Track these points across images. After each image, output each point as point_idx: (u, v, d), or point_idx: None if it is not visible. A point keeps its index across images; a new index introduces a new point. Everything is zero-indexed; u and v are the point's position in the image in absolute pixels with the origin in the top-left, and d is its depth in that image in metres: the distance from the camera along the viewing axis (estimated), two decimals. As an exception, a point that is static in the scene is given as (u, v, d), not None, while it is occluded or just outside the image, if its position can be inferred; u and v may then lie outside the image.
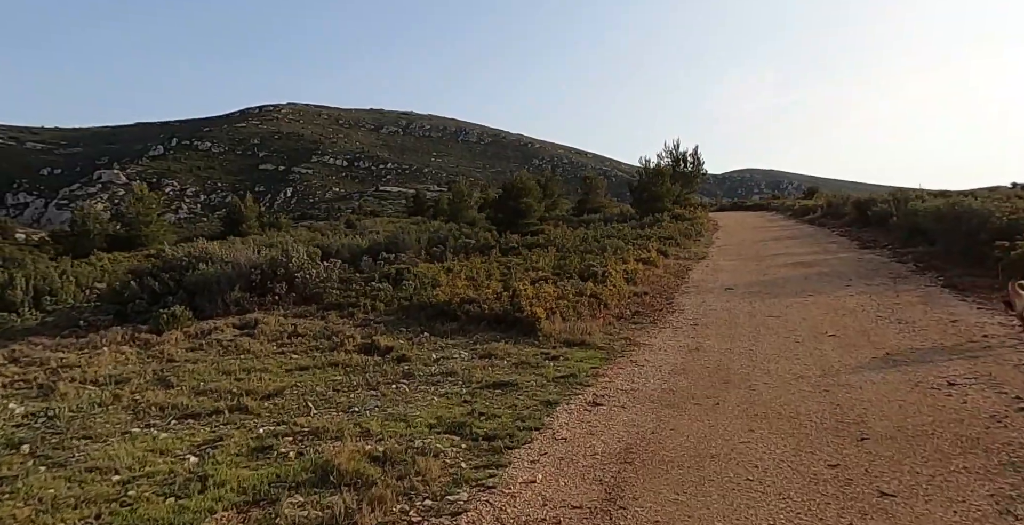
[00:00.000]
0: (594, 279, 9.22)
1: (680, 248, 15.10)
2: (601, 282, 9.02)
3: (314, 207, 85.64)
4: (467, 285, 9.14)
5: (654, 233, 16.52)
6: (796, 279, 10.04)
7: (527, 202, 18.35)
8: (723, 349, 5.96)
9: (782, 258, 12.75)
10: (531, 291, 7.95)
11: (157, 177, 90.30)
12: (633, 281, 9.78)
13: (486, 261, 12.06)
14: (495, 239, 14.15)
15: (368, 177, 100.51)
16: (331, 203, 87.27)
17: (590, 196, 26.32)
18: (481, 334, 6.84)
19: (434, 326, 7.28)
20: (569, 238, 14.98)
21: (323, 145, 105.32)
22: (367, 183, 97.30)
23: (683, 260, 13.17)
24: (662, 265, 11.88)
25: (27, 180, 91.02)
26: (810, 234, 17.71)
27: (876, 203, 16.82)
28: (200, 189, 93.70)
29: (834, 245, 14.44)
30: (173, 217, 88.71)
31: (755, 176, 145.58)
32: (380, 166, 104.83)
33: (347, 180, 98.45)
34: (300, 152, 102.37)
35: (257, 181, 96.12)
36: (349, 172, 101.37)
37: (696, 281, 10.45)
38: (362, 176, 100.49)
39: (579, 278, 9.44)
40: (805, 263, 11.75)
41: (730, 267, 11.94)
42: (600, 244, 13.47)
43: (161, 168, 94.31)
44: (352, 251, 14.17)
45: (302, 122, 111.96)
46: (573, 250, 13.08)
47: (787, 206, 30.84)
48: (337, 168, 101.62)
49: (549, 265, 11.20)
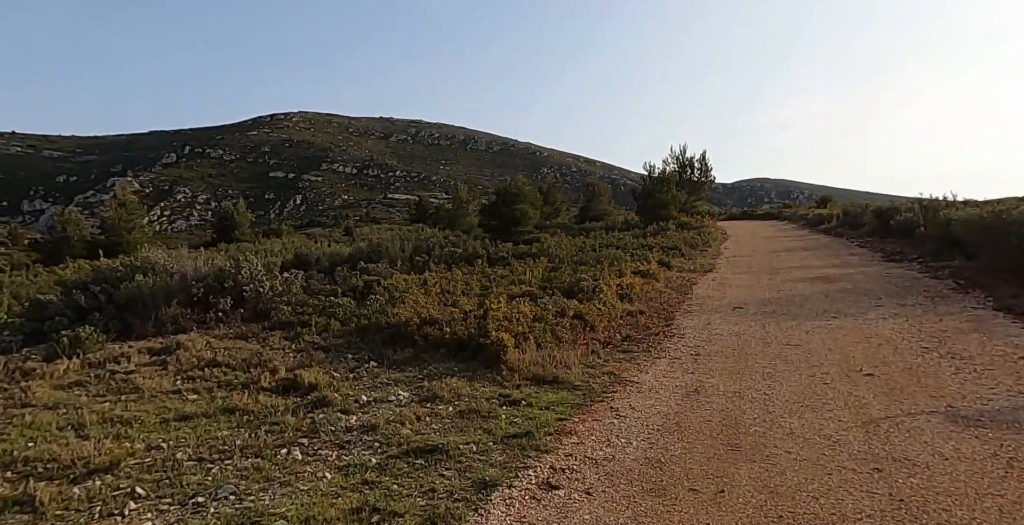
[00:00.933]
0: (582, 296, 7.93)
1: (685, 259, 13.77)
2: (589, 299, 7.73)
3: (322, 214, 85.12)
4: (435, 302, 7.89)
5: (657, 243, 15.20)
6: (816, 297, 8.68)
7: (522, 209, 17.09)
8: (731, 392, 4.65)
9: (798, 272, 11.39)
10: (504, 310, 6.69)
11: (169, 184, 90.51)
12: (628, 298, 8.47)
13: (470, 272, 10.82)
14: (484, 248, 12.90)
15: (377, 184, 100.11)
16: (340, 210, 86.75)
17: (593, 203, 25.04)
18: (437, 364, 5.57)
19: (386, 353, 6.03)
20: (565, 247, 13.71)
21: (333, 153, 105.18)
22: (376, 190, 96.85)
23: (687, 273, 11.84)
24: (663, 278, 10.56)
25: (43, 187, 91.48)
26: (827, 245, 16.29)
27: (900, 212, 15.39)
28: (211, 196, 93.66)
29: (855, 257, 13.03)
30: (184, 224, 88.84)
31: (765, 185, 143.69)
32: (389, 174, 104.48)
33: (356, 188, 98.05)
34: (310, 160, 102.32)
35: (267, 188, 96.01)
36: (358, 180, 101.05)
37: (701, 298, 9.12)
38: (371, 184, 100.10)
39: (565, 294, 8.16)
40: (825, 278, 10.38)
41: (740, 282, 10.59)
42: (596, 254, 12.18)
43: (173, 175, 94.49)
44: (333, 260, 13.01)
45: (312, 130, 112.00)
46: (567, 261, 11.80)
47: (799, 215, 29.36)
48: (346, 176, 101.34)
49: (537, 278, 9.93)
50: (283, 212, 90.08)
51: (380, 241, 13.28)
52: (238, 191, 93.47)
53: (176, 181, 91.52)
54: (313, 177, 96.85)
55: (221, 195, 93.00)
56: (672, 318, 7.71)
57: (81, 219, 18.63)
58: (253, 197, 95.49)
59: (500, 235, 16.08)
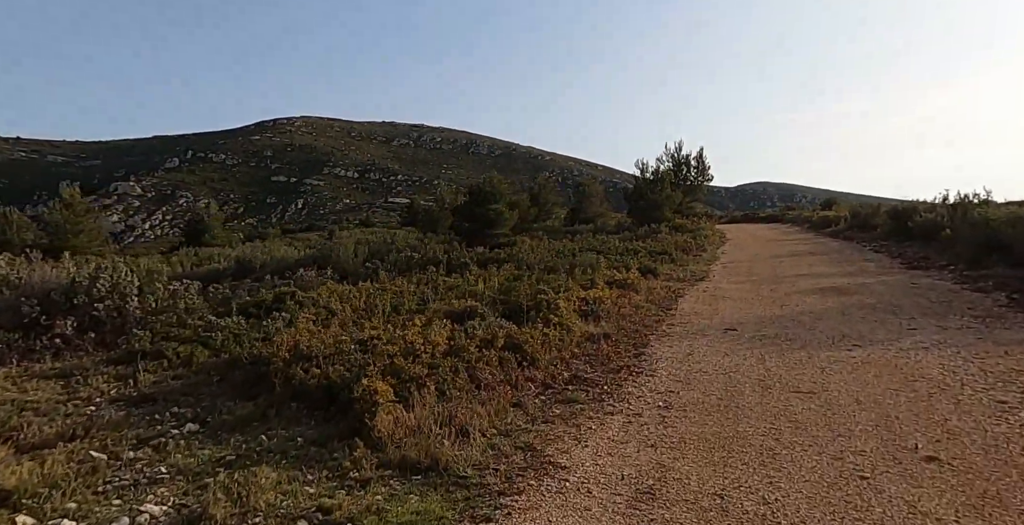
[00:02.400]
0: (531, 315, 6.07)
1: (675, 265, 11.88)
2: (543, 319, 5.88)
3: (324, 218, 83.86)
4: (344, 322, 6.05)
5: (645, 247, 13.32)
6: (830, 315, 6.78)
7: (497, 209, 15.23)
8: (706, 494, 2.79)
9: (806, 281, 9.48)
10: (410, 338, 4.83)
11: (171, 189, 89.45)
12: (595, 316, 6.61)
13: (419, 281, 8.99)
14: (445, 253, 11.07)
15: (379, 188, 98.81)
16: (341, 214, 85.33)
17: (584, 205, 23.21)
18: (282, 429, 3.75)
19: (226, 405, 4.21)
20: (540, 252, 11.85)
21: (335, 157, 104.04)
22: (377, 194, 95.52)
23: (675, 282, 9.95)
24: (644, 289, 8.69)
25: (46, 192, 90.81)
26: (836, 249, 14.34)
27: (919, 212, 13.44)
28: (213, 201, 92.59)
29: (871, 264, 11.10)
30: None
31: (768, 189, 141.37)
32: (391, 177, 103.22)
33: (358, 191, 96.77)
34: (312, 164, 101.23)
35: (269, 193, 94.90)
36: (360, 183, 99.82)
37: (686, 315, 7.24)
38: (372, 188, 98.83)
39: (511, 313, 6.31)
40: (838, 289, 8.48)
41: (736, 293, 8.70)
42: (570, 260, 10.32)
43: (175, 180, 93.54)
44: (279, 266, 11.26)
45: (315, 134, 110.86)
46: (536, 268, 9.96)
47: (804, 217, 27.35)
48: (348, 180, 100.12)
49: (492, 289, 8.08)
50: (285, 216, 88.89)
51: (332, 246, 11.48)
52: (240, 196, 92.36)
53: (178, 185, 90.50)
54: (315, 181, 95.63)
55: (223, 199, 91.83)
56: (645, 344, 5.83)
57: (25, 222, 17.03)
58: (255, 201, 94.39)
59: (473, 238, 14.27)
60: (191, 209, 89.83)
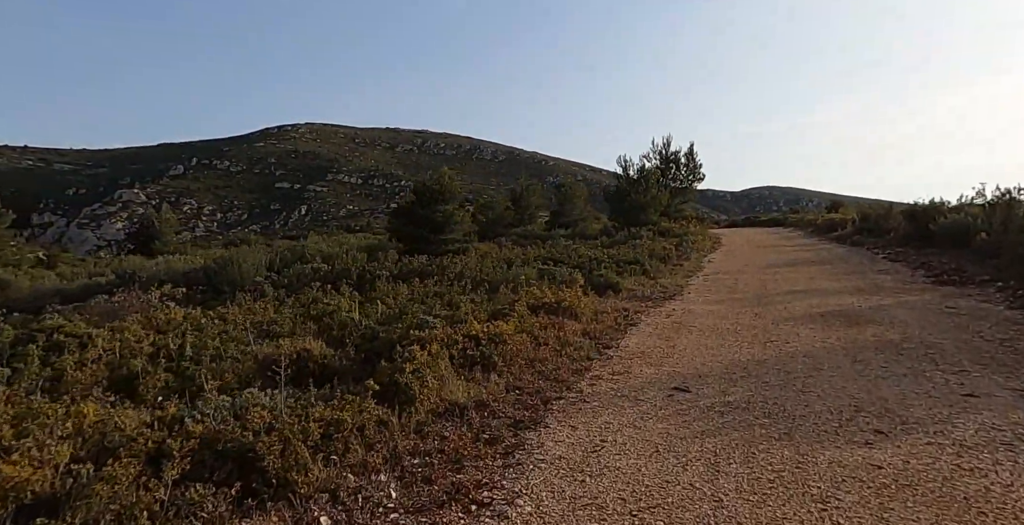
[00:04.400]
0: (376, 368, 3.83)
1: (647, 278, 9.58)
2: (392, 371, 3.63)
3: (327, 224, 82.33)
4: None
5: (617, 255, 11.02)
6: (835, 361, 4.47)
7: (446, 210, 12.93)
8: None
9: (803, 301, 7.14)
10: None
11: (176, 196, 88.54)
12: (487, 361, 4.35)
13: (301, 302, 6.78)
14: (361, 264, 8.86)
15: (382, 194, 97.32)
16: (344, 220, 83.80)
17: (566, 208, 20.95)
18: None
19: None
20: (480, 263, 9.59)
21: (339, 163, 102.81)
22: (380, 200, 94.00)
23: (637, 302, 7.65)
24: (587, 314, 6.39)
25: (52, 200, 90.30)
26: (843, 257, 11.93)
27: (943, 213, 11.02)
28: (217, 207, 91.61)
29: (887, 277, 8.71)
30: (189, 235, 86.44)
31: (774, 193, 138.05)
32: (394, 183, 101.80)
33: (361, 197, 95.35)
34: (316, 170, 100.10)
35: (273, 199, 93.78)
36: (364, 190, 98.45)
37: (628, 357, 4.95)
38: (376, 193, 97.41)
39: (363, 358, 4.07)
40: (846, 315, 6.14)
41: (708, 320, 6.39)
42: (507, 273, 8.05)
43: (180, 187, 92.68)
44: (169, 277, 9.15)
45: (319, 141, 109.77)
46: (469, 280, 7.71)
47: (807, 221, 24.82)
48: (352, 186, 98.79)
49: (375, 316, 5.84)
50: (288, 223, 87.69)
51: (233, 256, 9.32)
52: (243, 202, 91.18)
53: (183, 193, 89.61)
54: (319, 187, 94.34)
55: (227, 206, 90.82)
56: (536, 423, 3.54)
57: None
58: (259, 208, 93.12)
59: (417, 245, 12.08)
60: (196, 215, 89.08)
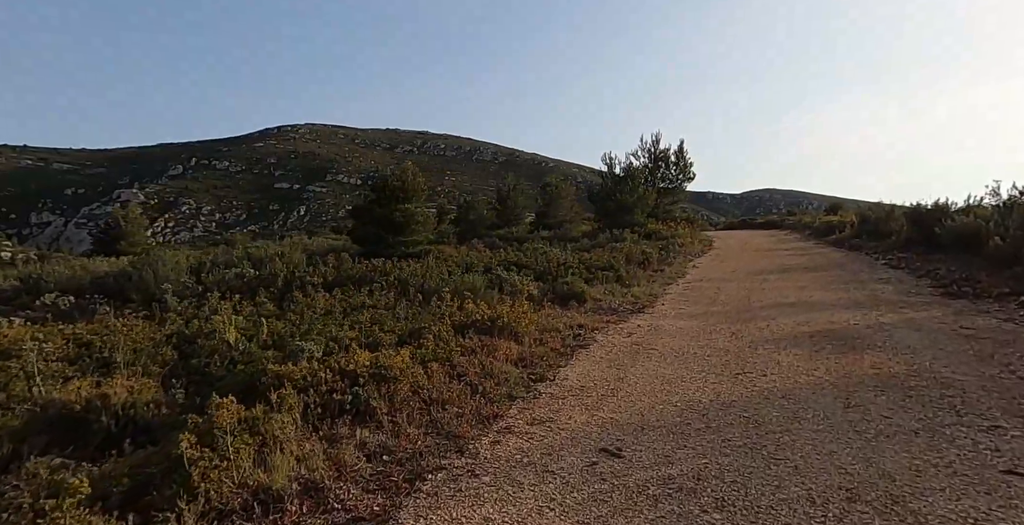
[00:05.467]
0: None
1: (620, 286, 8.47)
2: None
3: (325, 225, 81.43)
4: None
5: (591, 259, 9.91)
6: (821, 404, 3.37)
7: (406, 209, 11.76)
8: None
9: (789, 316, 6.02)
10: None
11: (175, 196, 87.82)
12: (365, 408, 3.26)
13: (183, 317, 5.69)
14: (290, 271, 7.78)
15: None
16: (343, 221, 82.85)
17: (551, 208, 19.83)
18: None
19: None
20: (426, 269, 8.48)
21: (338, 164, 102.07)
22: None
23: (598, 315, 6.54)
24: (532, 332, 5.28)
25: (51, 200, 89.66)
26: (839, 263, 10.80)
27: (950, 214, 9.88)
28: (215, 208, 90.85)
29: (888, 287, 7.58)
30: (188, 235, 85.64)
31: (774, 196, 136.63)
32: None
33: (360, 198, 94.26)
34: (315, 171, 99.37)
35: (272, 199, 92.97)
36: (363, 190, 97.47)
37: (562, 393, 3.86)
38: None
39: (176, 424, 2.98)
40: (839, 337, 5.02)
41: (675, 341, 5.28)
42: (453, 281, 6.93)
43: (179, 187, 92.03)
44: (79, 285, 8.07)
45: (319, 142, 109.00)
46: (406, 290, 6.61)
47: (804, 223, 23.64)
48: (351, 186, 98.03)
49: (259, 339, 4.74)
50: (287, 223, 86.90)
51: (148, 260, 8.24)
52: (242, 203, 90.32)
53: (181, 193, 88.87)
54: (318, 188, 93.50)
55: (226, 207, 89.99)
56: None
57: None
58: (258, 208, 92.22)
59: (375, 247, 10.97)
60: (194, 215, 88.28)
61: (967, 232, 8.65)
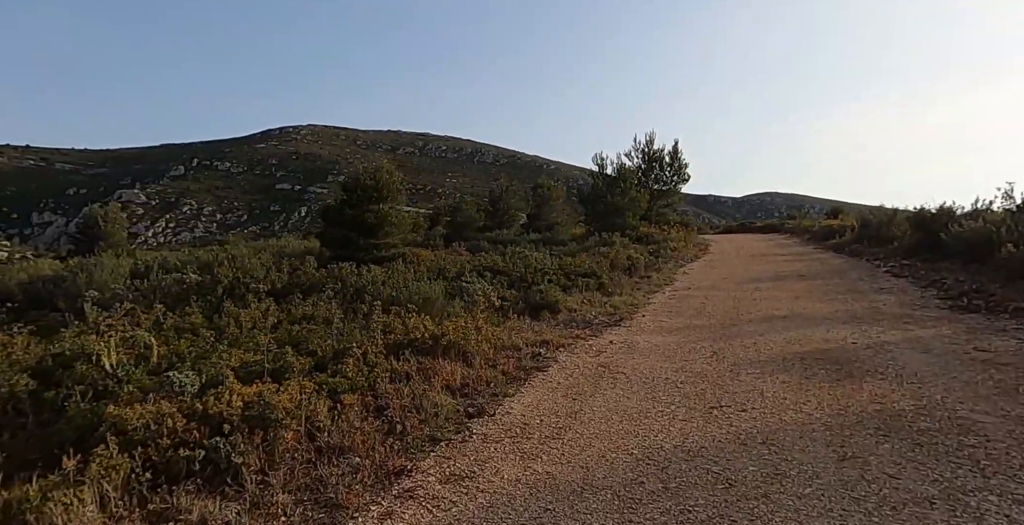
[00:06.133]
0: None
1: (601, 294, 7.79)
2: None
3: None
4: None
5: (570, 265, 9.22)
6: (811, 454, 2.67)
7: (378, 211, 11.01)
8: None
9: (779, 333, 5.31)
10: None
11: (176, 196, 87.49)
12: (228, 468, 2.59)
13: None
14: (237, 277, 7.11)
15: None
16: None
17: (543, 211, 19.13)
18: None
19: None
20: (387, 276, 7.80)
21: (340, 165, 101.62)
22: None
23: (569, 329, 5.85)
24: (485, 351, 4.60)
25: (53, 200, 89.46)
26: (838, 270, 10.09)
27: (958, 219, 9.17)
28: (216, 208, 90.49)
29: (890, 298, 6.87)
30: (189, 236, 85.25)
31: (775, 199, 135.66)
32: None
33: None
34: (317, 172, 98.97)
35: (273, 200, 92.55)
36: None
37: (498, 434, 3.17)
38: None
39: None
40: (833, 358, 4.31)
41: (647, 362, 4.58)
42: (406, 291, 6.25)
43: (180, 188, 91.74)
44: (6, 290, 7.43)
45: (320, 143, 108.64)
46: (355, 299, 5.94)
47: (804, 227, 22.92)
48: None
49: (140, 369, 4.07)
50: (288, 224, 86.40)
51: (85, 264, 7.59)
52: (243, 203, 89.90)
53: (183, 193, 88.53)
54: (319, 189, 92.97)
55: (227, 207, 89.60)
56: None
57: None
58: (259, 209, 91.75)
59: (346, 250, 10.30)
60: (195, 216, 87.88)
61: (977, 238, 7.93)
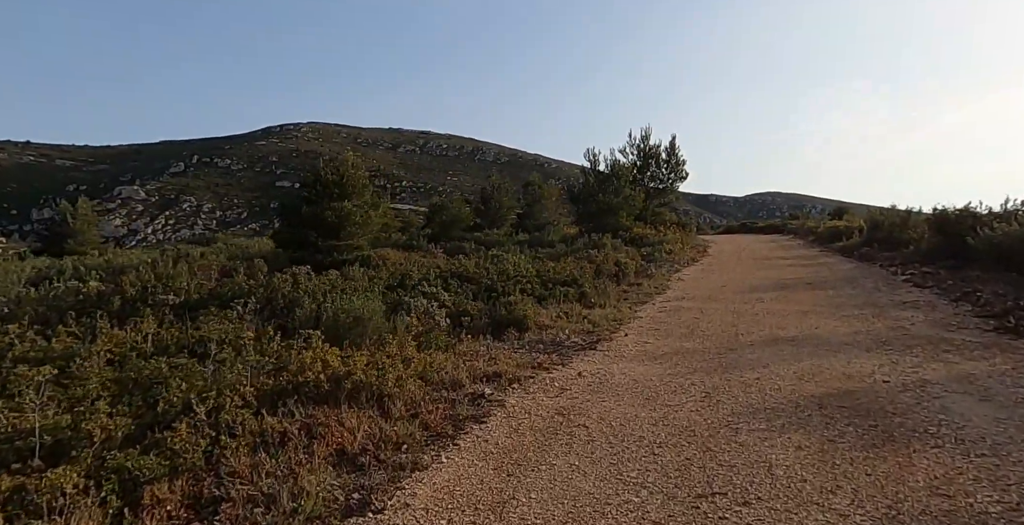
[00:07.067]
0: None
1: (581, 306, 6.70)
2: None
3: (325, 224, 79.99)
4: None
5: (551, 270, 8.12)
6: None
7: (342, 209, 9.94)
8: None
9: (787, 363, 4.21)
10: None
11: (176, 193, 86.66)
12: None
13: None
14: (144, 287, 6.04)
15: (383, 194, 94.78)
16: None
17: (534, 210, 17.99)
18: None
19: None
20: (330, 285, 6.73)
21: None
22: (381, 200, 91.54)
23: (532, 355, 4.77)
24: (412, 392, 3.52)
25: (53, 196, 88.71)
26: (850, 278, 8.96)
27: (986, 222, 8.04)
28: (216, 205, 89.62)
29: (918, 315, 5.75)
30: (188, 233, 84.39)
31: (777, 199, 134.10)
32: (396, 184, 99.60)
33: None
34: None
35: (273, 198, 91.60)
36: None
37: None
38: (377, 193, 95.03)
39: None
40: (860, 406, 3.19)
41: (619, 408, 3.50)
42: (331, 310, 5.16)
43: (180, 185, 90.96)
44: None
45: (321, 140, 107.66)
46: (285, 314, 4.87)
47: (808, 228, 21.75)
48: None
49: None
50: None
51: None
52: (243, 201, 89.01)
53: (182, 190, 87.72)
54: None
55: (227, 204, 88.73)
56: None
57: None
58: (259, 207, 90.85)
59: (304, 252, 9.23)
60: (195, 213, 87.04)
61: (1015, 243, 6.81)
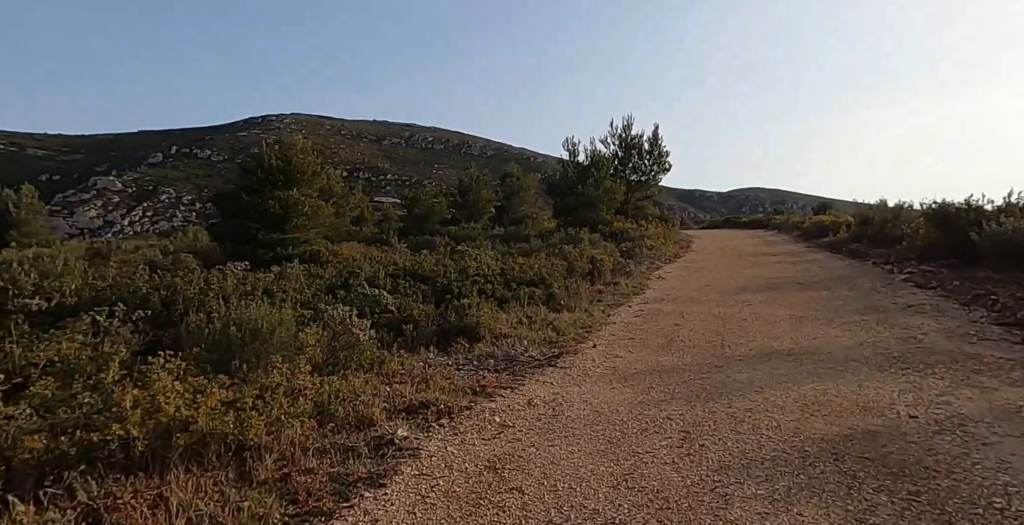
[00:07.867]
0: None
1: (547, 309, 5.82)
2: None
3: (307, 216, 78.26)
4: None
5: (517, 268, 7.21)
6: None
7: (288, 198, 8.95)
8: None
9: (786, 384, 3.36)
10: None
11: (154, 184, 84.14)
12: None
13: None
14: (6, 289, 5.03)
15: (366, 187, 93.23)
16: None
17: (513, 203, 17.11)
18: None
19: None
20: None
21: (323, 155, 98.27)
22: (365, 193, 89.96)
23: (478, 374, 3.87)
24: (295, 438, 2.61)
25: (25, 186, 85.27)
26: (843, 277, 8.18)
27: (992, 216, 7.29)
28: (196, 197, 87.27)
29: (929, 322, 4.95)
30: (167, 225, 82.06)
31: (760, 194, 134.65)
32: (380, 177, 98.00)
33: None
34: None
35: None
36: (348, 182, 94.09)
37: None
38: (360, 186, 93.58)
39: None
40: (888, 455, 2.34)
41: (573, 457, 2.62)
42: (219, 323, 4.22)
43: (159, 176, 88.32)
44: None
45: (304, 132, 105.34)
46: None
47: (793, 223, 21.09)
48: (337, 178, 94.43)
49: None
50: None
51: None
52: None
53: (161, 181, 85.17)
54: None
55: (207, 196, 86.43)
56: None
57: None
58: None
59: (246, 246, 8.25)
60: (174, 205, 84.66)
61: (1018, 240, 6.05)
